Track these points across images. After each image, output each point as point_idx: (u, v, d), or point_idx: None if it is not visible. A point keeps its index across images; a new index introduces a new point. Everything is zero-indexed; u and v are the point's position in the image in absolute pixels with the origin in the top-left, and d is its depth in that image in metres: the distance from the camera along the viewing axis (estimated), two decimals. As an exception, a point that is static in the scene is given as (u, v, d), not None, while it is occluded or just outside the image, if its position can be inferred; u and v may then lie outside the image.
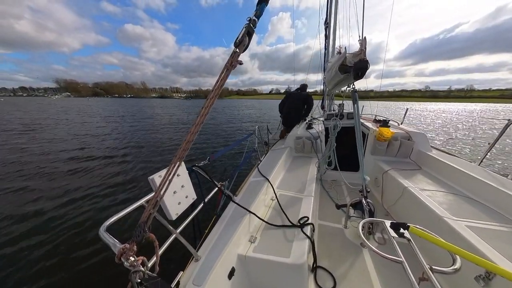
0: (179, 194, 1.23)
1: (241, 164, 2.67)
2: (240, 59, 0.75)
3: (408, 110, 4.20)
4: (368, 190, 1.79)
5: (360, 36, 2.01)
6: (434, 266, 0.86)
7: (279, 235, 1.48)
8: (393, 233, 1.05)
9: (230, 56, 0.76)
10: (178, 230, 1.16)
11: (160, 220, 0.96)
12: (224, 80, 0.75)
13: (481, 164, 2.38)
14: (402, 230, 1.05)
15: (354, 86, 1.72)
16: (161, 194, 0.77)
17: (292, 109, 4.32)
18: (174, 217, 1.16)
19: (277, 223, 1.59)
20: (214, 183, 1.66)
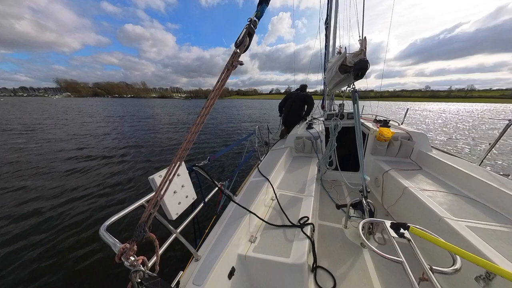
0: (179, 194, 1.23)
1: (241, 164, 2.67)
2: (240, 60, 0.75)
3: (408, 110, 4.21)
4: (368, 190, 1.80)
5: (360, 36, 2.01)
6: (434, 266, 0.86)
7: (279, 235, 1.48)
8: (393, 233, 1.05)
9: (231, 56, 0.76)
10: (178, 230, 1.16)
11: (160, 220, 0.96)
12: (225, 80, 0.75)
13: (481, 164, 2.38)
14: (402, 230, 1.05)
15: (354, 86, 1.72)
16: (161, 194, 0.77)
17: (292, 109, 4.33)
18: (174, 217, 1.16)
19: (277, 223, 1.59)
20: (214, 183, 1.66)
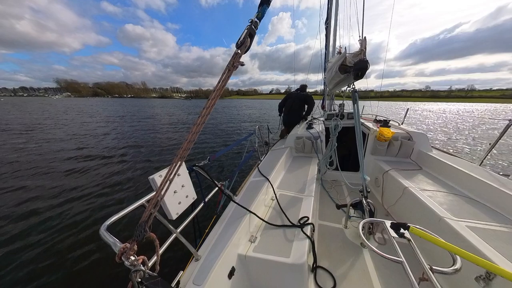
0: (180, 194, 1.23)
1: (241, 164, 2.67)
2: (241, 60, 0.75)
3: (408, 110, 4.21)
4: (368, 190, 1.80)
5: (360, 36, 2.01)
6: (434, 266, 0.86)
7: (279, 235, 1.48)
8: (393, 233, 1.05)
9: (232, 57, 0.76)
10: (179, 230, 1.16)
11: (160, 219, 0.96)
12: (225, 81, 0.75)
13: (482, 164, 2.38)
14: (402, 230, 1.05)
15: (354, 86, 1.72)
16: (161, 193, 0.77)
17: (292, 109, 4.34)
18: (175, 216, 1.16)
19: (277, 223, 1.59)
20: (215, 183, 1.66)
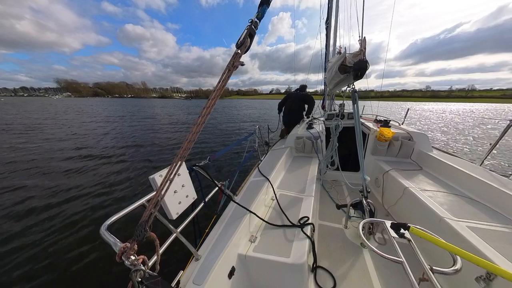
0: (180, 194, 1.23)
1: (241, 163, 2.67)
2: (241, 60, 0.75)
3: (409, 110, 4.20)
4: (368, 190, 1.80)
5: (360, 36, 2.01)
6: (434, 267, 0.86)
7: (279, 235, 1.48)
8: (393, 233, 1.05)
9: (232, 57, 0.76)
10: (179, 230, 1.16)
11: (160, 219, 0.96)
12: (226, 81, 0.75)
13: (482, 164, 2.38)
14: (402, 231, 1.05)
15: (354, 86, 1.72)
16: (162, 193, 0.77)
17: (292, 109, 4.34)
18: (175, 216, 1.16)
19: (277, 223, 1.59)
20: (215, 183, 1.66)
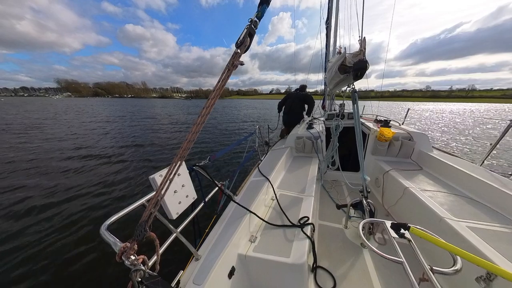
0: (180, 194, 1.23)
1: (241, 163, 2.67)
2: (241, 60, 0.75)
3: (409, 110, 4.20)
4: (368, 191, 1.80)
5: (360, 36, 2.00)
6: (434, 267, 0.86)
7: (279, 235, 1.48)
8: (393, 233, 1.05)
9: (232, 56, 0.76)
10: (179, 230, 1.16)
11: (160, 219, 0.96)
12: (225, 80, 0.75)
13: (482, 164, 2.38)
14: (402, 231, 1.05)
15: (353, 86, 1.72)
16: (162, 193, 0.77)
17: (292, 109, 4.35)
18: (175, 216, 1.16)
19: (277, 223, 1.59)
20: (215, 183, 1.66)
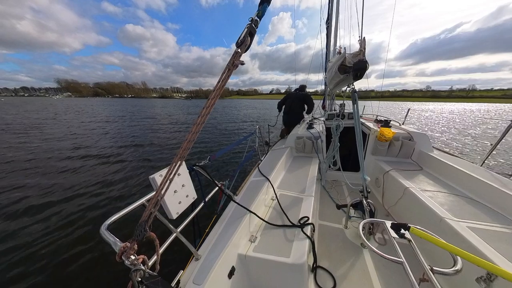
0: (180, 194, 1.23)
1: (241, 163, 2.67)
2: (241, 59, 0.75)
3: (409, 110, 4.20)
4: (368, 191, 1.79)
5: (360, 36, 2.00)
6: (434, 267, 0.86)
7: (279, 235, 1.48)
8: (393, 233, 1.05)
9: (232, 56, 0.76)
10: (179, 229, 1.16)
11: (160, 219, 0.96)
12: (225, 80, 0.75)
13: (483, 164, 2.37)
14: (402, 231, 1.05)
15: (353, 86, 1.72)
16: (162, 193, 0.77)
17: (292, 109, 4.35)
18: (175, 216, 1.16)
19: (277, 223, 1.59)
20: (215, 183, 1.66)
